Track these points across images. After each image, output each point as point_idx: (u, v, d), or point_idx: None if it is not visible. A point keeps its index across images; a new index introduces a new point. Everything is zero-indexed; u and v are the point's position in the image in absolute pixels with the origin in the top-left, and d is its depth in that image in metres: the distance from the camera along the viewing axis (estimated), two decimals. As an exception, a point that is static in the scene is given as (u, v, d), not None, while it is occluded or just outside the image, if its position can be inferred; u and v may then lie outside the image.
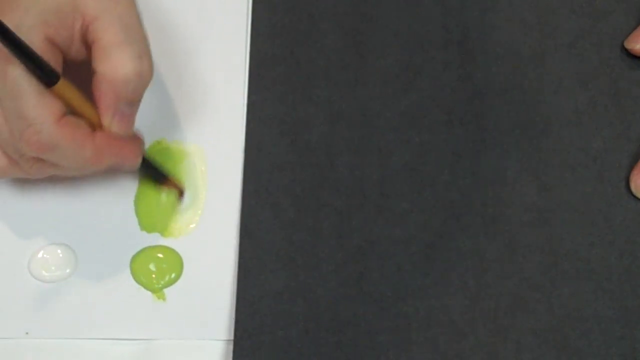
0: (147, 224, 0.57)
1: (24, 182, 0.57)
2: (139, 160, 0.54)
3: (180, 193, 0.58)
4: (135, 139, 0.54)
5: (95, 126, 0.52)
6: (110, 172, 0.57)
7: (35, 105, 0.49)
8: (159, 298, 0.56)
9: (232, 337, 0.55)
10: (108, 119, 0.52)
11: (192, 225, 0.58)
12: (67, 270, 0.57)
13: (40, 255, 0.57)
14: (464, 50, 0.60)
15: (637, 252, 0.56)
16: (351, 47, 0.61)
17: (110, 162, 0.52)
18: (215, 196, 0.58)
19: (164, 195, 0.58)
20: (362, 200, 0.57)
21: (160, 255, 0.57)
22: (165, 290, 0.56)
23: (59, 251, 0.57)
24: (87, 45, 0.52)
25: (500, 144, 0.59)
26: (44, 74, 0.49)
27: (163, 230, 0.57)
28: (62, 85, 0.50)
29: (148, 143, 0.59)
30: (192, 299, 0.56)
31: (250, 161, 0.58)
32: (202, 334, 0.55)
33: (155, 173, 0.58)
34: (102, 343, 0.55)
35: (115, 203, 0.58)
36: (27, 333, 0.55)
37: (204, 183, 0.58)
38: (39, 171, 0.53)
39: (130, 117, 0.53)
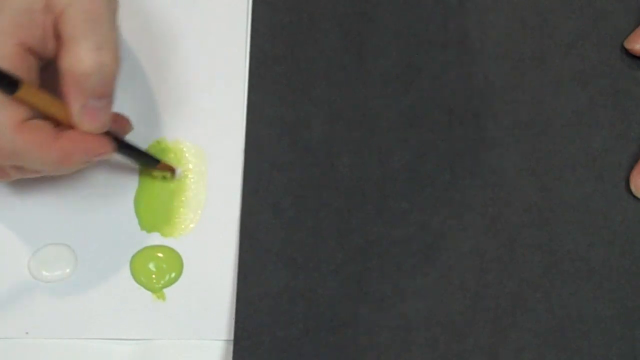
0: (147, 223, 0.57)
1: (23, 182, 0.57)
2: (110, 153, 0.52)
3: (172, 171, 0.58)
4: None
5: (68, 126, 0.51)
6: (92, 165, 0.56)
7: None
8: (158, 298, 0.56)
9: (232, 337, 0.55)
10: (76, 117, 0.50)
11: (192, 225, 0.58)
12: (67, 270, 0.57)
13: (40, 255, 0.57)
14: (464, 50, 0.60)
15: (637, 252, 0.56)
16: (351, 47, 0.61)
17: (81, 160, 0.51)
18: (215, 196, 0.58)
19: (162, 187, 0.58)
20: (362, 200, 0.57)
21: (160, 255, 0.57)
22: (165, 290, 0.56)
23: (59, 251, 0.57)
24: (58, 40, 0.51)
25: (500, 144, 0.59)
26: (3, 83, 0.48)
27: (163, 230, 0.57)
28: (26, 91, 0.49)
29: (148, 143, 0.59)
30: (192, 299, 0.56)
31: (250, 161, 0.58)
32: (202, 334, 0.55)
33: (141, 157, 0.57)
34: (102, 343, 0.55)
35: (115, 203, 0.58)
36: (27, 333, 0.55)
37: (204, 183, 0.58)
38: (22, 175, 0.53)
39: (100, 112, 0.51)
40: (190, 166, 0.59)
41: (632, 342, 0.54)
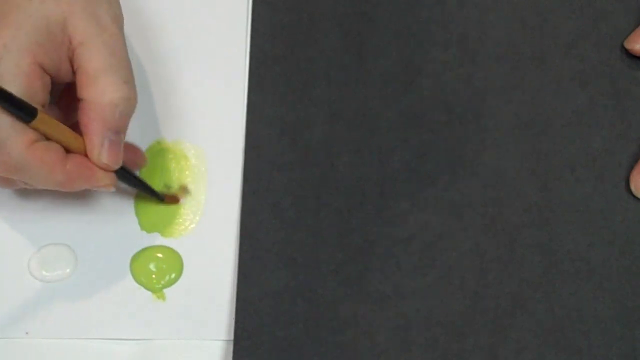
0: (147, 223, 0.57)
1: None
2: (112, 187, 0.53)
3: (176, 201, 0.58)
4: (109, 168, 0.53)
5: (75, 153, 0.52)
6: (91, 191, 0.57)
7: (10, 126, 0.49)
8: (158, 298, 0.56)
9: (232, 337, 0.55)
10: (97, 149, 0.51)
11: (192, 225, 0.58)
12: (67, 270, 0.57)
13: (40, 255, 0.57)
14: (464, 50, 0.60)
15: (637, 252, 0.56)
16: (351, 47, 0.61)
17: (82, 186, 0.52)
18: (215, 196, 0.58)
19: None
20: (362, 200, 0.57)
21: (160, 255, 0.57)
22: (165, 290, 0.56)
23: (59, 251, 0.57)
24: (73, 69, 0.52)
25: (500, 144, 0.59)
26: (22, 111, 0.49)
27: (163, 230, 0.57)
28: (40, 120, 0.50)
29: (148, 143, 0.59)
30: (192, 299, 0.56)
31: (250, 161, 0.58)
32: (202, 334, 0.55)
33: (148, 191, 0.57)
34: (102, 343, 0.55)
35: (115, 203, 0.58)
36: (27, 333, 0.55)
37: (204, 183, 0.58)
38: (28, 186, 0.53)
39: (118, 146, 0.52)
40: (190, 166, 0.59)
41: (632, 342, 0.54)
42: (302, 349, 0.54)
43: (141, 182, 0.57)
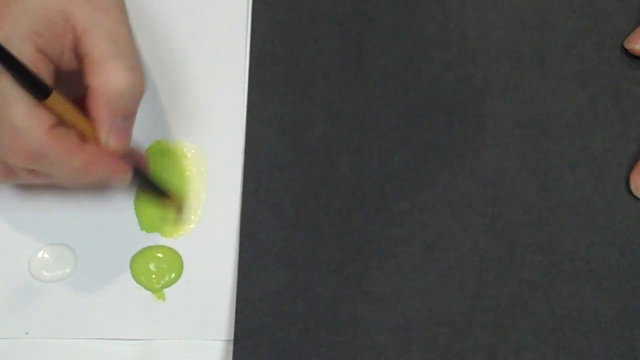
0: (147, 223, 0.58)
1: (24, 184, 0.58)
2: (129, 176, 0.54)
3: (179, 209, 0.58)
4: (127, 156, 0.53)
5: (86, 138, 0.51)
6: (104, 187, 0.57)
7: (26, 115, 0.49)
8: (158, 298, 0.56)
9: (232, 337, 0.55)
10: (105, 134, 0.51)
11: (192, 225, 0.58)
12: (67, 270, 0.57)
13: (40, 255, 0.57)
14: (464, 50, 0.60)
15: (637, 252, 0.56)
16: (351, 47, 0.61)
17: (99, 174, 0.52)
18: (215, 196, 0.58)
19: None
20: (362, 200, 0.57)
21: (160, 255, 0.57)
22: (165, 290, 0.56)
23: (59, 251, 0.57)
24: (79, 56, 0.52)
25: (500, 144, 0.59)
26: (36, 88, 0.49)
27: (163, 230, 0.57)
28: (54, 99, 0.50)
29: (148, 143, 0.59)
30: (192, 299, 0.56)
31: (250, 161, 0.58)
32: (202, 334, 0.55)
33: (154, 188, 0.57)
34: (102, 343, 0.55)
35: (115, 203, 0.58)
36: (27, 333, 0.55)
37: (204, 183, 0.58)
38: (33, 180, 0.53)
39: (126, 132, 0.52)
40: (190, 166, 0.59)
41: (632, 342, 0.54)
42: (302, 349, 0.55)
43: (150, 182, 0.56)
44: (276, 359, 0.54)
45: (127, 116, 0.52)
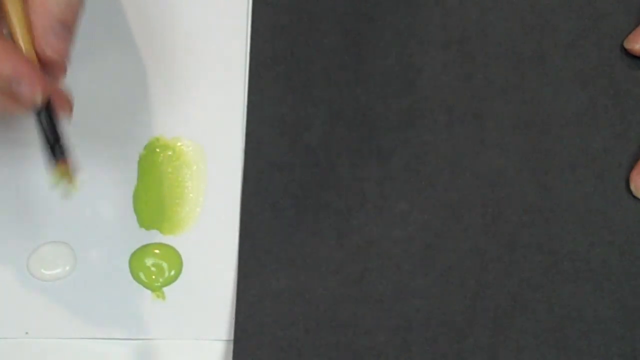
0: (146, 221, 0.57)
1: (22, 179, 0.57)
2: (37, 97, 0.49)
3: (68, 177, 0.51)
4: (51, 86, 0.50)
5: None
6: (5, 113, 0.53)
7: None
8: (158, 297, 0.56)
9: (232, 337, 0.55)
10: (42, 39, 0.50)
11: (191, 225, 0.58)
12: (67, 268, 0.56)
13: (39, 253, 0.57)
14: (464, 50, 0.60)
15: (637, 252, 0.56)
16: (351, 47, 0.61)
17: (23, 89, 0.49)
18: (215, 196, 0.58)
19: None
20: (362, 200, 0.57)
21: (158, 252, 0.57)
22: (165, 290, 0.56)
23: (58, 249, 0.57)
24: None
25: (500, 144, 0.58)
26: None
27: (162, 228, 0.57)
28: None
29: (147, 141, 0.59)
30: (192, 298, 0.56)
31: (250, 161, 0.58)
32: (202, 334, 0.55)
33: (50, 141, 0.51)
34: (102, 343, 0.55)
35: (114, 201, 0.58)
36: (26, 333, 0.55)
37: (203, 182, 0.58)
38: None
39: (64, 40, 0.50)
40: (190, 166, 0.59)
41: (632, 342, 0.54)
42: (302, 349, 0.54)
43: (53, 130, 0.50)
44: (276, 359, 0.54)
45: (66, 23, 0.50)
